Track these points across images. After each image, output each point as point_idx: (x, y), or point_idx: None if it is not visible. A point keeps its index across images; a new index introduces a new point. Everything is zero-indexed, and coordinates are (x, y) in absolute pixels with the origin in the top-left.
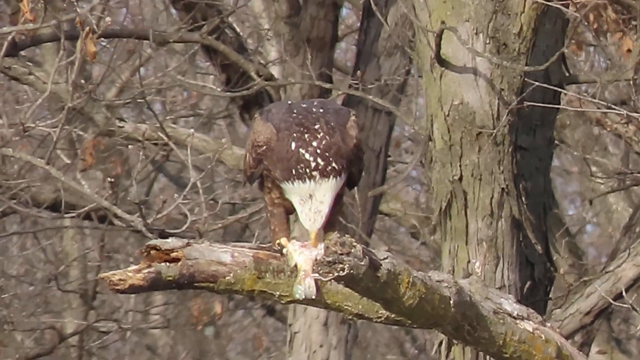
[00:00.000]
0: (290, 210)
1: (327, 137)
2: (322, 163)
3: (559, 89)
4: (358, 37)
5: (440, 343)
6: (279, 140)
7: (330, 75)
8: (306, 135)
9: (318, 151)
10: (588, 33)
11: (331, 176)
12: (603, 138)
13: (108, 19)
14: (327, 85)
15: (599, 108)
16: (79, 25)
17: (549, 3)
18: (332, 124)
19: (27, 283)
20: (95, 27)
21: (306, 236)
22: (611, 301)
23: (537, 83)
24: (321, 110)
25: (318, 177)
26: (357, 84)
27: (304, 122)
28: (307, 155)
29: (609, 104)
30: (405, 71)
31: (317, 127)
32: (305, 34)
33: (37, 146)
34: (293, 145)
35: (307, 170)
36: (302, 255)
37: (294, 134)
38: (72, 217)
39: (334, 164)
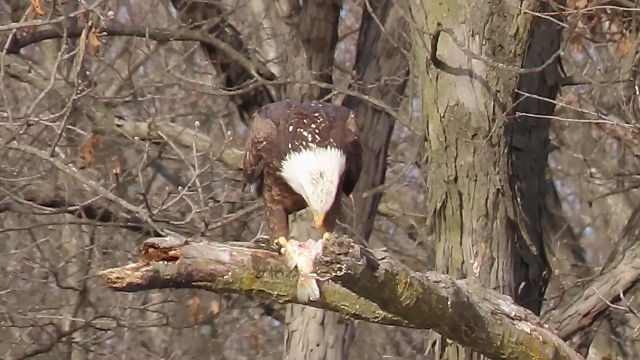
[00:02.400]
0: (289, 208)
1: (326, 121)
2: (319, 138)
3: (551, 101)
4: (358, 38)
5: (434, 343)
6: (278, 133)
7: (330, 75)
8: (305, 120)
9: (317, 131)
10: (585, 29)
11: (329, 147)
12: (602, 140)
13: (111, 12)
14: (326, 85)
15: (595, 113)
16: (82, 19)
17: (542, 15)
18: (333, 115)
19: (25, 279)
20: (98, 21)
21: (305, 235)
22: (609, 303)
23: (527, 94)
24: (320, 106)
25: (315, 147)
26: (358, 83)
27: (302, 111)
28: (305, 133)
29: (600, 115)
30: (405, 72)
31: (316, 114)
32: (306, 35)
33: (31, 142)
34: (291, 128)
35: (304, 143)
36: (301, 256)
37: (292, 120)
38: (74, 210)
39: (331, 140)
